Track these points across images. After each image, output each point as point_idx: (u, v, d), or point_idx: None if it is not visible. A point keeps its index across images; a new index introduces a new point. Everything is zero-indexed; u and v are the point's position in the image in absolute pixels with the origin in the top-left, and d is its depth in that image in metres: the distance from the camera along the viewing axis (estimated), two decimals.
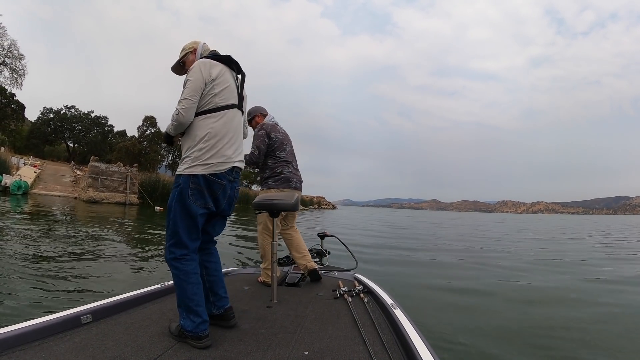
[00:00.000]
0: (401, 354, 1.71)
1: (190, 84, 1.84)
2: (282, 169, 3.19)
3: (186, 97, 1.83)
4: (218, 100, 1.91)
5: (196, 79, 1.85)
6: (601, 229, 28.26)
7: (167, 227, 1.88)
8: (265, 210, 2.79)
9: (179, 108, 1.83)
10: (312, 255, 3.85)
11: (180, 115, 1.82)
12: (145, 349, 1.67)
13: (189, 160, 1.85)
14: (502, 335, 3.65)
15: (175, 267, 1.83)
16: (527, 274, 7.16)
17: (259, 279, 3.13)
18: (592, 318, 4.25)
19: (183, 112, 1.82)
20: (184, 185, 1.83)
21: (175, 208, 1.84)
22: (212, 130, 1.87)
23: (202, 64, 1.90)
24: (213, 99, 1.90)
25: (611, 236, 19.55)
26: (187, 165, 1.85)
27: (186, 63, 2.08)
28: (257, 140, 3.13)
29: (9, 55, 37.49)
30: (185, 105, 1.82)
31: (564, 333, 3.74)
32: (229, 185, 1.95)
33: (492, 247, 12.57)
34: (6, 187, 21.04)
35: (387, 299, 2.41)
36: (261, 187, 3.29)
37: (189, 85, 1.85)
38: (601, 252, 11.59)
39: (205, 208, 1.87)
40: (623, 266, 8.44)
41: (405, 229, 21.95)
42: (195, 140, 1.86)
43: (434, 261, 8.85)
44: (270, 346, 1.78)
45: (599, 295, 5.42)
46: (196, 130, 1.87)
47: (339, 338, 1.90)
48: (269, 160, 3.19)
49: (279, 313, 2.31)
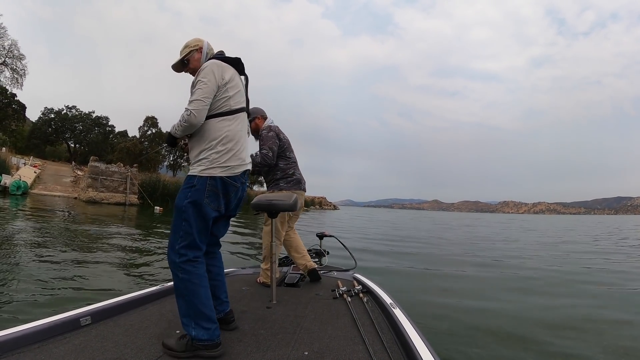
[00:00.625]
0: (401, 353, 1.71)
1: (204, 85, 1.80)
2: (293, 171, 3.22)
3: (199, 99, 1.78)
4: (233, 103, 1.90)
5: (210, 80, 1.81)
6: (612, 230, 26.80)
7: (175, 229, 1.79)
8: (265, 211, 2.77)
9: (191, 109, 1.77)
10: (311, 255, 3.86)
11: (192, 116, 1.77)
12: (145, 350, 1.66)
13: (206, 162, 1.81)
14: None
15: (187, 271, 1.74)
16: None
17: (258, 280, 3.12)
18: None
19: (195, 113, 1.77)
20: (199, 187, 1.79)
21: (188, 209, 1.77)
22: (229, 134, 1.86)
23: (216, 66, 1.86)
24: (228, 101, 1.88)
25: (626, 237, 18.52)
26: (204, 166, 1.81)
27: (190, 61, 2.01)
28: (268, 141, 3.08)
29: (9, 55, 37.65)
30: (197, 107, 1.77)
31: (572, 333, 3.70)
32: (241, 187, 1.95)
33: (537, 261, 9.53)
34: (5, 187, 20.92)
35: (387, 298, 2.41)
36: (270, 188, 3.24)
37: (202, 87, 1.80)
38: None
39: (217, 211, 1.85)
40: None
41: (420, 232, 20.65)
42: (211, 143, 1.83)
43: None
44: (270, 347, 1.77)
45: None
46: (212, 132, 1.84)
47: (338, 338, 1.90)
48: (280, 161, 3.18)
49: (279, 313, 2.31)
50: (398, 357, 1.68)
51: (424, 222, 36.28)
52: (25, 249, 6.29)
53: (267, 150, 3.06)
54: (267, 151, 3.05)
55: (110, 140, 56.33)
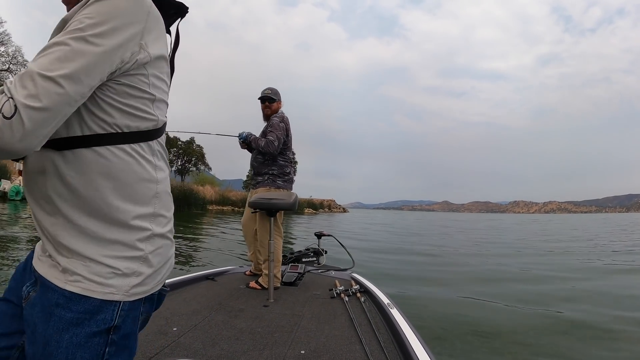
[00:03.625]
0: (397, 353, 1.70)
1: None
2: (290, 170, 3.16)
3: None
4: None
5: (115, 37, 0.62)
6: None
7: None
8: (264, 210, 2.72)
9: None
10: (309, 254, 3.87)
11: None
12: (141, 347, 1.64)
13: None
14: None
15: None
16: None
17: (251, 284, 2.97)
18: None
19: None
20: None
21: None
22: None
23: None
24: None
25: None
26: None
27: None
28: (278, 130, 2.92)
29: (13, 61, 37.40)
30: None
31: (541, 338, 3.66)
32: None
33: None
34: (4, 193, 20.59)
35: (384, 298, 2.41)
36: (266, 183, 3.04)
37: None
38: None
39: None
40: None
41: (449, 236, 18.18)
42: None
43: None
44: (267, 345, 1.78)
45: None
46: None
47: (335, 337, 1.90)
48: (280, 158, 3.06)
49: (276, 312, 2.31)
50: (394, 356, 1.67)
51: (452, 226, 31.88)
52: (20, 252, 6.27)
53: (274, 139, 2.88)
54: (274, 139, 2.88)
55: None
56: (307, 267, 3.54)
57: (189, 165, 52.38)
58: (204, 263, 6.79)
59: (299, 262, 3.68)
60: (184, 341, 1.76)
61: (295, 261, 3.69)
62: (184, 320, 2.04)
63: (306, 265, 3.61)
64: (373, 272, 5.88)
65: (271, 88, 3.17)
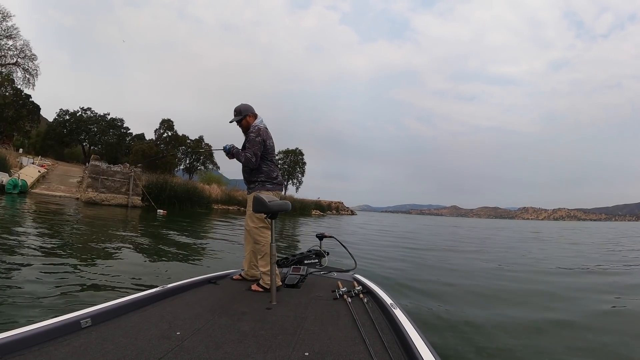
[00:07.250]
0: (401, 353, 1.70)
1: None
2: (276, 174, 3.33)
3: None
4: None
5: None
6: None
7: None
8: (266, 213, 2.74)
9: None
10: (311, 256, 3.87)
11: None
12: (146, 352, 1.65)
13: None
14: None
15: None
16: None
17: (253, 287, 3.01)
18: None
19: None
20: None
21: None
22: None
23: None
24: None
25: None
26: None
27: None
28: (255, 146, 3.17)
29: (21, 55, 37.35)
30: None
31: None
32: None
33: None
34: (2, 185, 19.93)
35: (387, 299, 2.41)
36: (254, 189, 3.24)
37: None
38: None
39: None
40: None
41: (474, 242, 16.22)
42: None
43: None
44: (271, 347, 1.77)
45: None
46: None
47: (339, 339, 1.89)
48: (263, 165, 3.25)
49: (279, 314, 2.30)
50: (399, 357, 1.67)
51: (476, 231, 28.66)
52: (19, 251, 6.06)
53: (251, 155, 3.15)
54: (251, 156, 3.15)
55: (128, 142, 56.80)
56: (309, 268, 3.56)
57: (197, 163, 52.63)
58: (207, 266, 6.76)
59: (301, 263, 3.69)
60: (188, 345, 1.75)
61: (297, 263, 3.70)
62: (187, 324, 2.02)
63: (308, 267, 3.62)
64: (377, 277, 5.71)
65: (236, 109, 3.29)
